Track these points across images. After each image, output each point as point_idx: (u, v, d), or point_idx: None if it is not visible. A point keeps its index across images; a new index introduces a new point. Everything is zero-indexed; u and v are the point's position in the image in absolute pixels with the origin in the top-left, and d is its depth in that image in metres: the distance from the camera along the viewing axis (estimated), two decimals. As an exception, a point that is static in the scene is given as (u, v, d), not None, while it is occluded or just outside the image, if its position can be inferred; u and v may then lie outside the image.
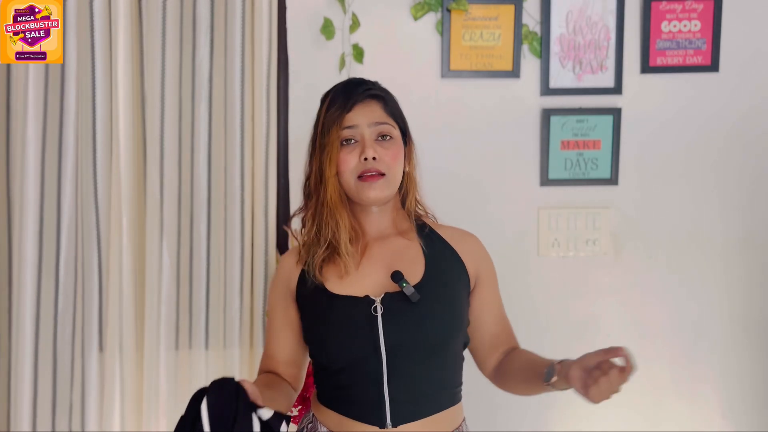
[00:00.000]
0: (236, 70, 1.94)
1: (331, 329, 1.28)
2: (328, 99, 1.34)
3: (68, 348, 1.95)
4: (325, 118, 1.32)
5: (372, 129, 1.31)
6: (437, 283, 1.31)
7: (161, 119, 1.95)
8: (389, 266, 1.32)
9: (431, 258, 1.34)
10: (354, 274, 1.31)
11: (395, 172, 1.32)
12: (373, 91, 1.34)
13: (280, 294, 1.39)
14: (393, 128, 1.33)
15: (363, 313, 1.26)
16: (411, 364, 1.26)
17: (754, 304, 2.13)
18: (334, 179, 1.31)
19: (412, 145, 1.40)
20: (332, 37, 1.98)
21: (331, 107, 1.32)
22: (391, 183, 1.32)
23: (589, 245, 2.10)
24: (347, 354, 1.26)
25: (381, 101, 1.34)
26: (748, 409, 2.14)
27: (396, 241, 1.36)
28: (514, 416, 2.09)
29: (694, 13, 2.06)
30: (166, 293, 1.97)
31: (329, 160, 1.30)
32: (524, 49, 2.06)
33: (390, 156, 1.31)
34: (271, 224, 1.97)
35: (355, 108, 1.31)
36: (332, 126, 1.30)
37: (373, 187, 1.29)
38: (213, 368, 1.98)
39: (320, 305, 1.30)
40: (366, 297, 1.28)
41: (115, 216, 1.93)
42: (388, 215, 1.38)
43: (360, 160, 1.29)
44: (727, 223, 2.12)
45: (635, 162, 2.09)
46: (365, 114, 1.31)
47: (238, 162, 1.96)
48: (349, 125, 1.30)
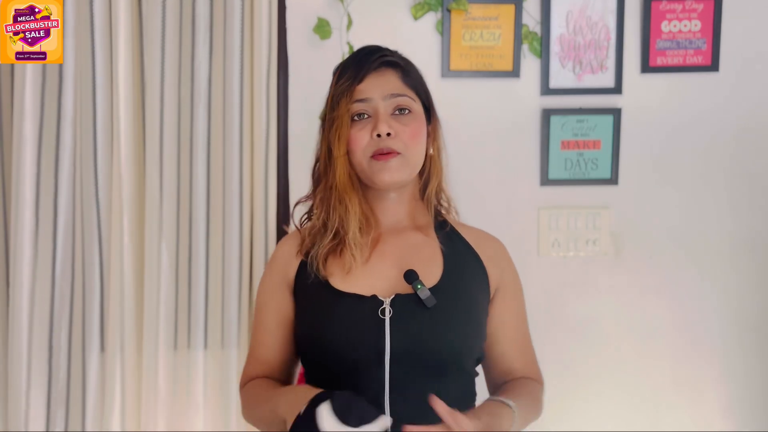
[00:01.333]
0: (235, 70, 1.94)
1: (330, 329, 1.13)
2: (339, 69, 1.19)
3: (65, 349, 1.95)
4: (335, 90, 1.17)
5: (387, 102, 1.15)
6: (456, 288, 1.16)
7: (161, 119, 1.95)
8: (402, 264, 1.16)
9: (450, 259, 1.19)
10: (361, 270, 1.16)
11: (415, 151, 1.16)
12: (388, 58, 1.18)
13: (275, 285, 1.23)
14: (413, 101, 1.17)
15: (369, 314, 1.12)
16: (417, 378, 1.11)
17: (754, 304, 2.13)
18: (343, 159, 1.15)
19: (437, 122, 1.24)
20: (328, 36, 1.97)
21: (341, 78, 1.16)
22: (409, 164, 1.16)
23: (589, 245, 2.10)
24: (347, 359, 1.12)
25: (398, 70, 1.18)
26: (749, 409, 2.14)
27: (412, 236, 1.21)
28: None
29: (694, 13, 2.06)
30: (164, 293, 1.96)
31: (338, 138, 1.14)
32: (524, 49, 2.06)
33: (408, 133, 1.14)
34: (271, 224, 1.97)
35: (367, 78, 1.15)
36: (341, 99, 1.14)
37: (388, 168, 1.13)
38: (211, 368, 1.98)
39: (321, 302, 1.15)
40: (373, 297, 1.13)
41: (116, 216, 1.93)
42: (405, 205, 1.22)
43: (372, 136, 1.14)
44: (727, 223, 2.12)
45: (635, 162, 2.09)
46: (379, 84, 1.15)
47: (237, 162, 1.95)
48: (361, 98, 1.14)
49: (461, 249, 1.22)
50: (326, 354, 1.14)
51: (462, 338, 1.14)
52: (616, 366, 2.10)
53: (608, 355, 2.11)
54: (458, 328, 1.13)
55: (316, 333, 1.15)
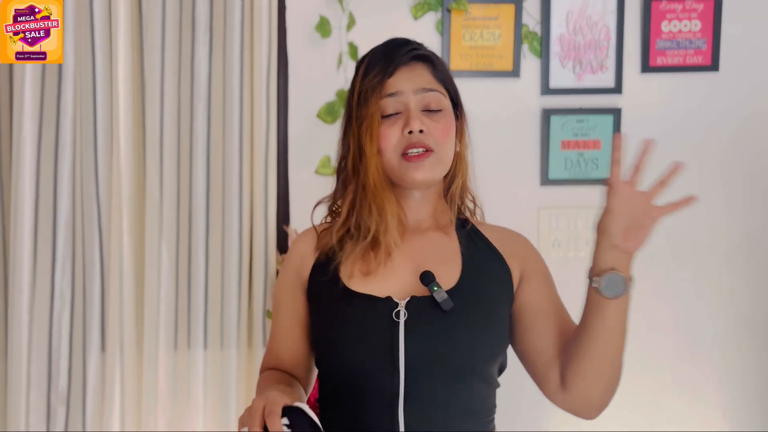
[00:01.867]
0: (235, 70, 1.94)
1: (342, 331, 1.08)
2: (365, 63, 1.14)
3: (65, 350, 1.95)
4: (362, 85, 1.11)
5: (418, 97, 1.11)
6: (475, 290, 1.11)
7: (161, 119, 1.95)
8: (419, 264, 1.11)
9: (470, 259, 1.14)
10: (378, 270, 1.11)
11: (446, 148, 1.12)
12: (419, 51, 1.14)
13: (289, 283, 1.19)
14: (443, 97, 1.14)
15: (382, 317, 1.06)
16: (434, 386, 1.05)
17: (754, 304, 2.13)
18: (376, 158, 1.10)
19: (464, 119, 1.20)
20: (328, 35, 1.97)
21: (370, 72, 1.11)
22: (441, 162, 1.12)
23: (589, 245, 2.10)
24: (358, 364, 1.06)
25: (429, 64, 1.14)
26: (749, 409, 2.14)
27: (432, 236, 1.16)
28: (509, 416, 2.08)
29: (694, 13, 2.06)
30: (164, 293, 1.97)
31: (369, 136, 1.09)
32: (524, 49, 2.06)
33: (440, 130, 1.11)
34: (271, 224, 1.97)
35: (398, 72, 1.11)
36: (371, 94, 1.10)
37: (421, 167, 1.09)
38: (211, 368, 1.98)
39: (333, 302, 1.11)
40: (388, 298, 1.08)
41: (116, 216, 1.93)
42: (429, 203, 1.18)
43: (404, 133, 1.09)
44: (727, 222, 2.11)
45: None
46: (410, 79, 1.11)
47: (237, 162, 1.95)
48: (392, 92, 1.10)
49: (482, 249, 1.17)
50: (338, 357, 1.09)
51: (480, 344, 1.08)
52: (616, 366, 2.10)
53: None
54: (476, 333, 1.08)
55: (328, 335, 1.11)
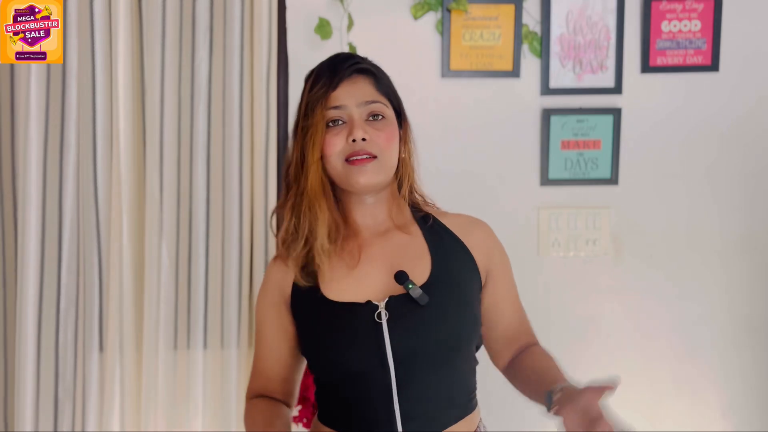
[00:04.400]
0: (235, 71, 1.94)
1: (330, 340, 1.16)
2: (312, 76, 1.20)
3: (71, 348, 1.95)
4: (309, 97, 1.18)
5: (362, 109, 1.17)
6: (447, 281, 1.19)
7: (161, 119, 1.95)
8: (391, 265, 1.18)
9: (438, 253, 1.21)
10: (353, 276, 1.19)
11: (389, 155, 1.18)
12: (361, 65, 1.21)
13: (272, 303, 1.25)
14: (386, 107, 1.20)
15: (366, 320, 1.14)
16: (423, 374, 1.14)
17: (754, 304, 2.13)
18: (316, 165, 1.16)
19: (408, 126, 1.26)
20: (328, 36, 1.97)
21: (315, 85, 1.18)
22: (384, 167, 1.18)
23: (589, 245, 2.10)
24: (351, 367, 1.14)
25: (371, 77, 1.21)
26: (749, 408, 2.14)
27: (396, 237, 1.23)
28: (509, 415, 2.09)
29: (694, 13, 2.06)
30: (164, 293, 1.96)
31: (312, 144, 1.15)
32: (524, 48, 2.06)
33: (383, 137, 1.17)
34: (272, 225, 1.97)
35: (341, 85, 1.17)
36: (316, 106, 1.16)
37: (363, 171, 1.15)
38: (210, 368, 1.98)
39: (317, 316, 1.18)
40: (368, 302, 1.15)
41: (116, 216, 1.93)
42: (384, 206, 1.24)
43: (348, 141, 1.15)
44: (727, 222, 2.12)
45: (635, 162, 2.09)
46: (353, 92, 1.17)
47: (237, 162, 1.95)
48: (336, 105, 1.16)
49: (447, 240, 1.24)
50: (330, 363, 1.17)
51: (459, 329, 1.17)
52: (615, 366, 2.09)
53: (608, 355, 2.11)
54: (454, 320, 1.16)
55: (317, 347, 1.19)
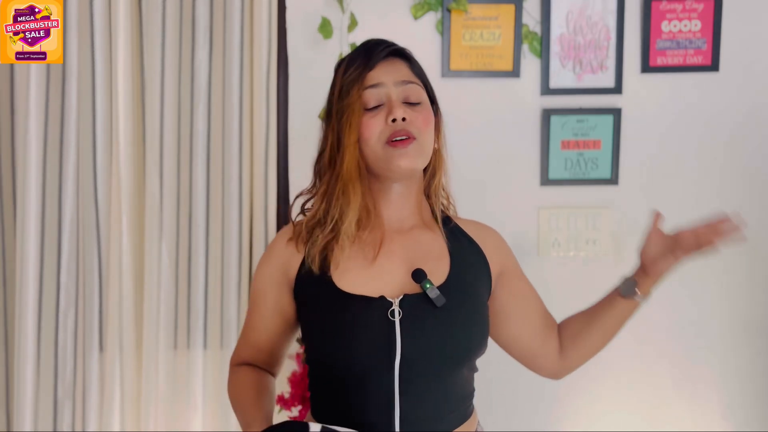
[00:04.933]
0: (235, 70, 1.94)
1: (337, 332, 1.09)
2: (345, 62, 1.18)
3: (70, 348, 1.95)
4: (343, 79, 1.14)
5: (399, 89, 1.14)
6: (463, 285, 1.15)
7: (161, 119, 1.95)
8: (410, 262, 1.14)
9: (457, 256, 1.18)
10: (368, 269, 1.13)
11: (427, 138, 1.14)
12: (396, 47, 1.19)
13: (273, 279, 1.19)
14: (422, 90, 1.17)
15: (378, 316, 1.08)
16: (428, 380, 1.10)
17: (754, 304, 2.13)
18: (353, 147, 1.11)
19: (441, 117, 1.23)
20: (330, 36, 1.97)
21: (350, 68, 1.15)
22: (423, 151, 1.14)
23: (589, 245, 2.10)
24: (356, 364, 1.08)
25: (405, 60, 1.19)
26: (748, 409, 2.14)
27: (419, 234, 1.19)
28: (509, 415, 2.09)
29: (694, 13, 2.06)
30: (164, 293, 1.97)
31: (349, 126, 1.11)
32: (524, 48, 2.06)
33: (421, 119, 1.13)
34: (271, 224, 1.97)
35: (378, 66, 1.14)
36: (352, 87, 1.12)
37: (406, 154, 1.10)
38: (210, 368, 1.98)
39: (327, 305, 1.12)
40: (381, 298, 1.10)
41: (115, 216, 1.93)
42: (411, 200, 1.20)
43: (387, 122, 1.11)
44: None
45: (635, 162, 2.09)
46: (390, 72, 1.15)
47: (237, 162, 1.96)
48: (373, 83, 1.13)
49: (465, 245, 1.22)
50: (337, 358, 1.10)
51: (472, 336, 1.13)
52: (615, 366, 2.10)
53: (608, 355, 2.11)
54: (468, 326, 1.12)
55: (326, 338, 1.11)
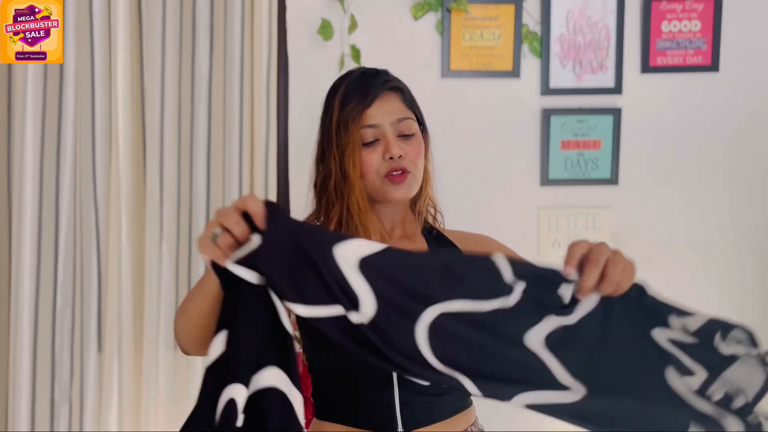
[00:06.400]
0: (235, 71, 1.94)
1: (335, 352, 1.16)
2: (341, 91, 1.23)
3: (67, 348, 1.95)
4: (341, 115, 1.21)
5: (394, 127, 1.21)
6: None
7: (161, 120, 1.95)
8: None
9: None
10: None
11: (419, 167, 1.25)
12: (392, 83, 1.24)
13: None
14: (414, 122, 1.25)
15: None
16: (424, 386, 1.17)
17: (754, 305, 2.13)
18: (360, 182, 1.20)
19: (428, 136, 1.31)
20: (330, 37, 1.97)
21: (348, 102, 1.21)
22: (417, 179, 1.24)
23: (589, 245, 2.10)
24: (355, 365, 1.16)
25: (399, 93, 1.25)
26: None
27: (402, 244, 1.27)
28: (508, 415, 2.09)
29: (694, 13, 2.05)
30: (165, 293, 1.96)
31: (352, 162, 1.19)
32: (524, 49, 2.06)
33: (414, 152, 1.22)
34: (271, 224, 1.97)
35: (375, 103, 1.21)
36: (351, 125, 1.19)
37: (401, 188, 1.21)
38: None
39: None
40: None
41: (115, 216, 1.93)
42: (399, 214, 1.29)
43: (384, 158, 1.20)
44: (726, 222, 2.11)
45: (635, 162, 2.09)
46: (386, 110, 1.21)
47: (237, 162, 1.95)
48: (371, 123, 1.20)
49: (445, 247, 1.29)
50: (336, 360, 1.18)
51: None
52: (616, 366, 2.10)
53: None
54: None
55: (320, 357, 1.21)
